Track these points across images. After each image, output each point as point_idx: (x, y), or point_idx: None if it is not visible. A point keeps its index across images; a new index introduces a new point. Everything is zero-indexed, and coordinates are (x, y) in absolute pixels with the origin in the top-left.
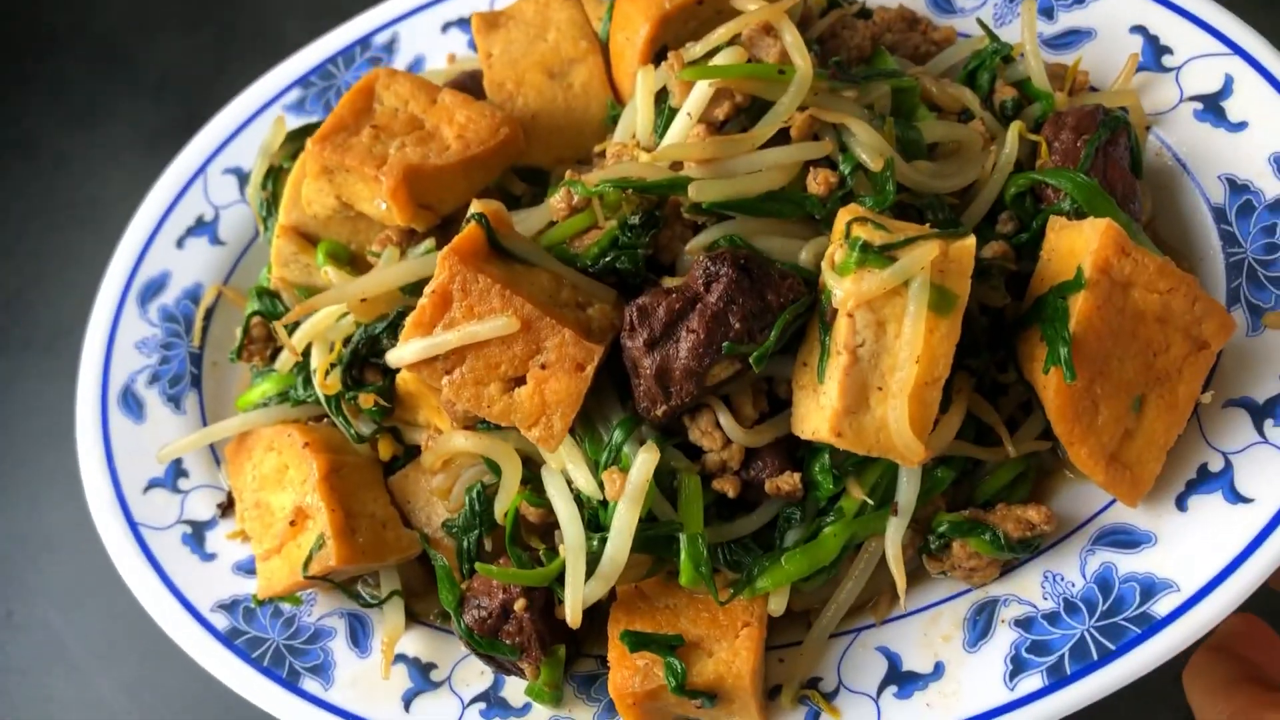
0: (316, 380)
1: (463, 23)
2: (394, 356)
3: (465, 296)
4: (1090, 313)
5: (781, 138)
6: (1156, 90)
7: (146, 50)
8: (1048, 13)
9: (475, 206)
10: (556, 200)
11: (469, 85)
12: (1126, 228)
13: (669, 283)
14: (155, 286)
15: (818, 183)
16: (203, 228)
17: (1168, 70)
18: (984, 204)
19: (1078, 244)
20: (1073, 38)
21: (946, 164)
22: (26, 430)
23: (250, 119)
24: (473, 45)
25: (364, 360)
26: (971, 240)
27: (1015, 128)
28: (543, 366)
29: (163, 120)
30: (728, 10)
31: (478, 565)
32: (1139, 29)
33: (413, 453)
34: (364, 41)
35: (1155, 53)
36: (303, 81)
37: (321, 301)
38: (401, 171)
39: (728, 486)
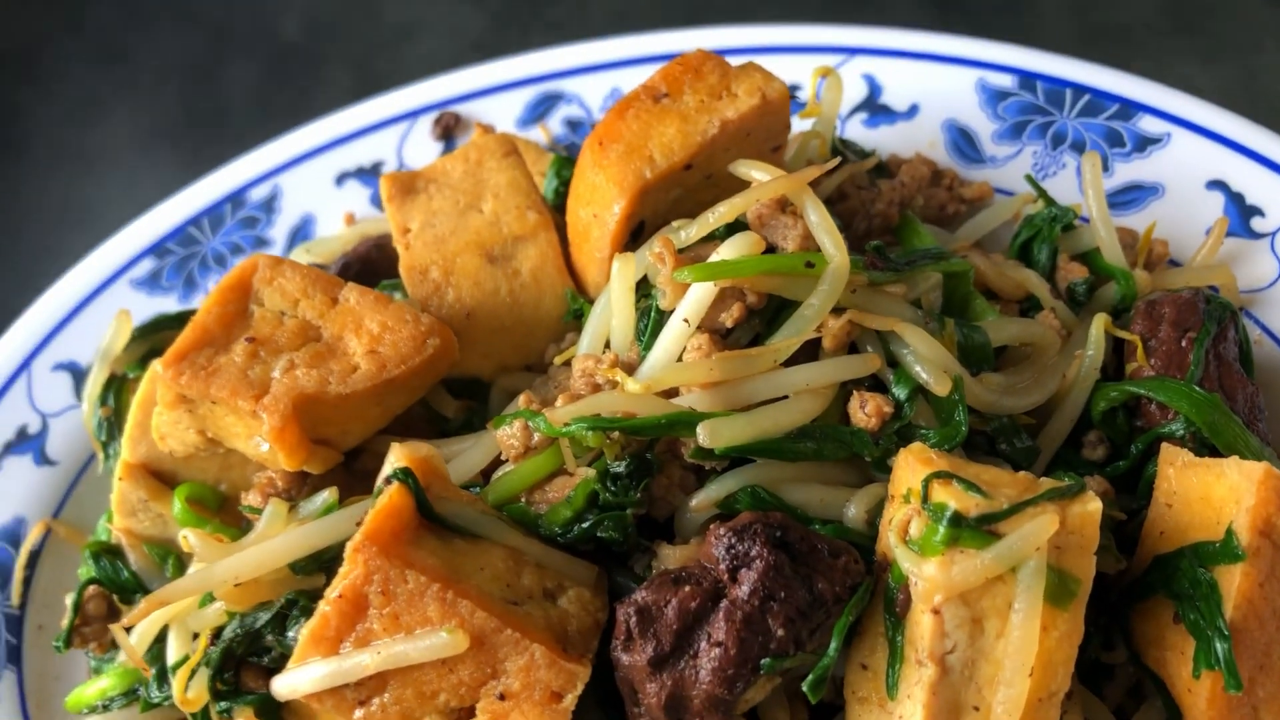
0: (175, 691)
1: (362, 173)
2: (284, 686)
3: (388, 602)
4: (1251, 593)
5: (809, 349)
6: (1247, 262)
7: (143, 49)
8: (1101, 163)
9: (396, 455)
10: (507, 434)
11: (376, 259)
12: (1258, 456)
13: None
14: None
15: (867, 414)
16: (26, 443)
17: (1260, 236)
18: (1066, 423)
19: (1216, 492)
20: (1136, 195)
21: (1019, 375)
22: None
23: (89, 298)
24: (376, 201)
25: (240, 660)
26: (1097, 505)
27: (1100, 323)
28: (501, 696)
29: (158, 119)
30: (719, 175)
31: None
32: (1218, 184)
33: None
34: (236, 197)
35: (1241, 214)
36: (157, 249)
37: (175, 593)
38: (291, 405)
39: None
